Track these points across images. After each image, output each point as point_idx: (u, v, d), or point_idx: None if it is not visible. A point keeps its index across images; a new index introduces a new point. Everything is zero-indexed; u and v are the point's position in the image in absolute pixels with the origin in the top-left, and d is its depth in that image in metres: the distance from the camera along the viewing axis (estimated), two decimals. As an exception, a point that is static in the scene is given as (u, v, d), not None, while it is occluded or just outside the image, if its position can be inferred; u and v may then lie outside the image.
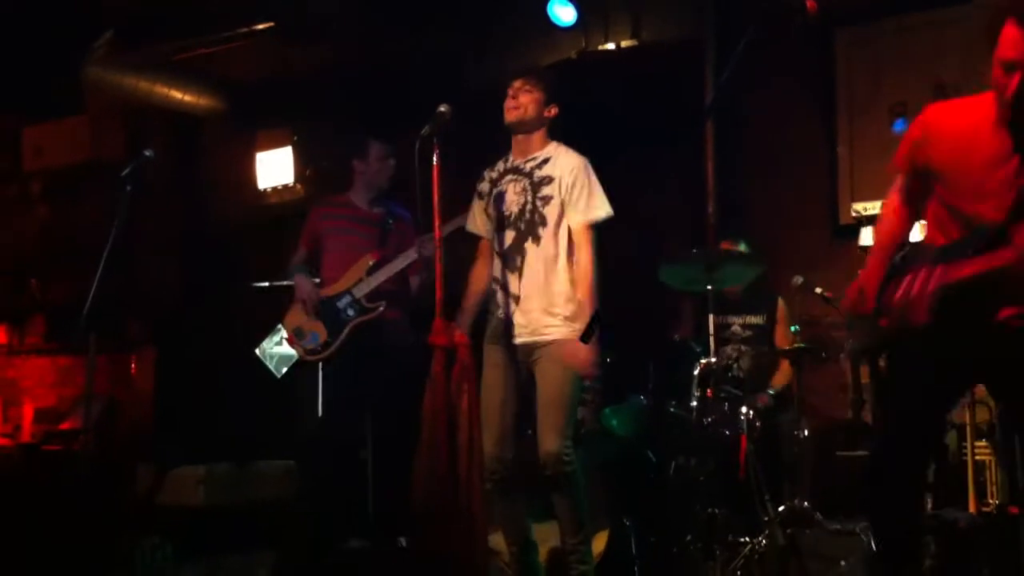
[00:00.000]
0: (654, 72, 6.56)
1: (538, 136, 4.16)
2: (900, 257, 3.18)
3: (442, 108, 3.97)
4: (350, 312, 4.88)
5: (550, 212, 4.04)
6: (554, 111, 4.15)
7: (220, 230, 8.00)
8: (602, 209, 4.05)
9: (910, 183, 3.22)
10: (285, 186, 7.41)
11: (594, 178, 4.07)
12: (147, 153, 4.34)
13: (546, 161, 4.10)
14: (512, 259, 4.09)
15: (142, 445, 6.84)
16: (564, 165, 4.07)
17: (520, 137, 4.17)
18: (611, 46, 6.77)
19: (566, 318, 4.00)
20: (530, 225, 4.06)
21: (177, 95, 7.43)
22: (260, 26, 6.73)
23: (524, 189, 4.09)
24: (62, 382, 7.86)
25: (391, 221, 5.06)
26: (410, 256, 4.83)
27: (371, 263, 4.92)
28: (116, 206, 4.18)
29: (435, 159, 3.95)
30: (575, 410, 4.10)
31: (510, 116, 4.12)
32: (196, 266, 7.97)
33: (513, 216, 4.10)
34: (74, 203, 8.15)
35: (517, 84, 4.12)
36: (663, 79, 6.49)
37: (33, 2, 6.69)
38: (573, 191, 4.03)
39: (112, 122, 7.96)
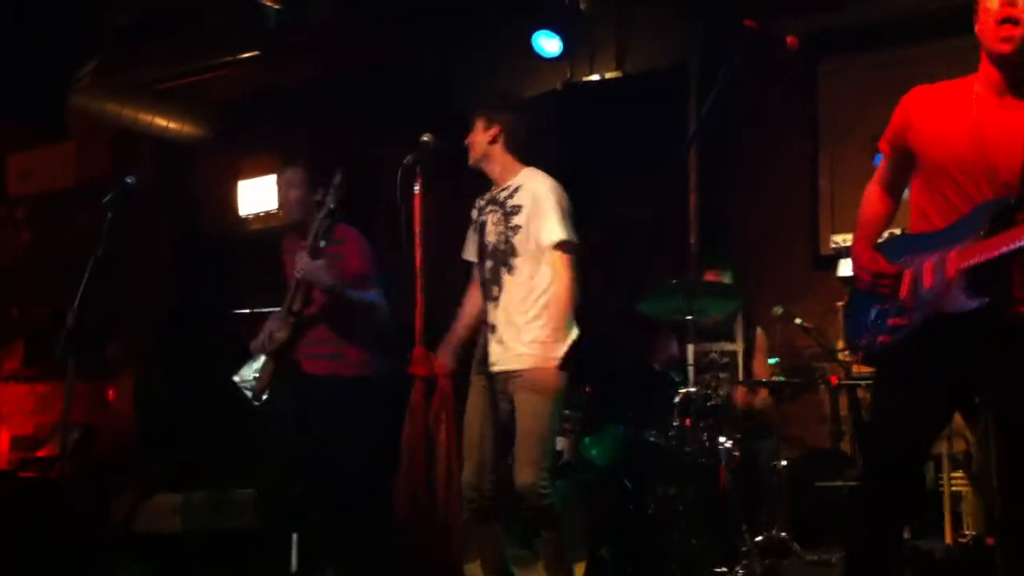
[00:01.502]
0: (639, 102, 6.61)
1: (503, 164, 4.14)
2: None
3: (425, 138, 4.01)
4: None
5: (520, 241, 4.03)
6: (495, 130, 4.10)
7: (203, 256, 7.99)
8: (559, 232, 3.96)
9: (893, 169, 3.14)
10: (268, 213, 7.42)
11: (557, 200, 4.01)
12: (128, 180, 4.33)
13: (517, 190, 4.09)
14: (490, 289, 4.09)
15: (120, 472, 6.80)
16: (530, 191, 4.05)
17: (487, 170, 4.18)
18: (596, 77, 6.83)
19: (540, 346, 3.95)
20: (504, 255, 4.06)
21: (161, 122, 7.44)
22: (245, 54, 6.76)
23: (499, 219, 4.09)
24: (40, 409, 7.80)
25: (322, 244, 4.52)
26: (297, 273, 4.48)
27: None
28: (98, 232, 4.19)
29: (417, 188, 3.97)
30: (553, 442, 4.08)
31: (470, 161, 4.16)
32: (178, 292, 7.96)
33: (491, 247, 4.11)
34: (60, 228, 8.13)
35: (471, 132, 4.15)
36: (648, 109, 6.54)
37: (17, 30, 6.70)
38: (537, 216, 4.00)
39: (98, 148, 7.97)
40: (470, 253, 4.28)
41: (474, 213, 4.26)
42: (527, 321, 3.98)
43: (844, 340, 3.23)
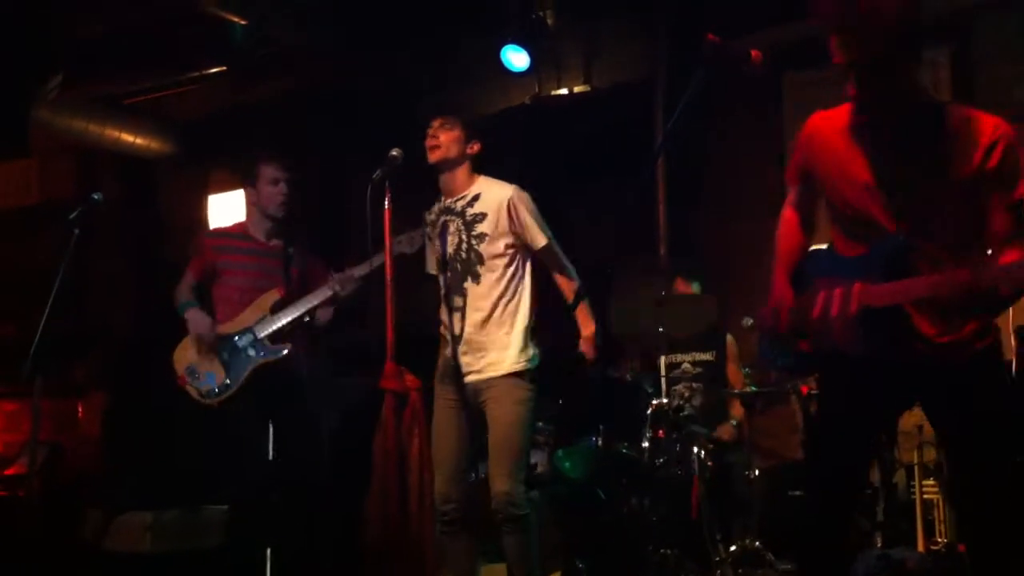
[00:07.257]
0: (606, 116, 6.64)
1: (462, 173, 4.14)
2: (802, 265, 3.05)
3: (394, 152, 3.99)
4: (251, 352, 4.56)
5: (486, 249, 4.04)
6: (476, 147, 4.13)
7: (171, 272, 7.93)
8: (544, 235, 4.09)
9: (802, 193, 3.13)
10: (238, 226, 7.37)
11: (527, 204, 4.09)
12: (95, 196, 4.29)
13: (476, 198, 4.09)
14: (453, 299, 4.08)
15: (89, 490, 6.73)
16: (495, 199, 4.07)
17: (445, 175, 4.15)
18: (564, 91, 6.86)
19: (510, 356, 3.98)
20: (467, 264, 4.06)
21: (128, 138, 7.39)
22: (212, 69, 6.73)
23: (458, 229, 4.09)
24: (8, 428, 7.69)
25: (291, 251, 4.70)
26: (323, 294, 4.56)
27: (276, 299, 4.63)
28: (64, 249, 4.15)
29: (387, 203, 3.96)
30: (526, 452, 4.06)
31: (433, 156, 4.10)
32: (146, 308, 7.90)
33: (450, 257, 4.11)
34: (22, 245, 8.05)
35: (436, 123, 4.11)
36: (615, 122, 6.57)
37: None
38: (526, 222, 4.05)
39: (62, 164, 7.90)
40: (431, 266, 4.28)
41: (428, 227, 4.26)
42: (501, 331, 4.00)
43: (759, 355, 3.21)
